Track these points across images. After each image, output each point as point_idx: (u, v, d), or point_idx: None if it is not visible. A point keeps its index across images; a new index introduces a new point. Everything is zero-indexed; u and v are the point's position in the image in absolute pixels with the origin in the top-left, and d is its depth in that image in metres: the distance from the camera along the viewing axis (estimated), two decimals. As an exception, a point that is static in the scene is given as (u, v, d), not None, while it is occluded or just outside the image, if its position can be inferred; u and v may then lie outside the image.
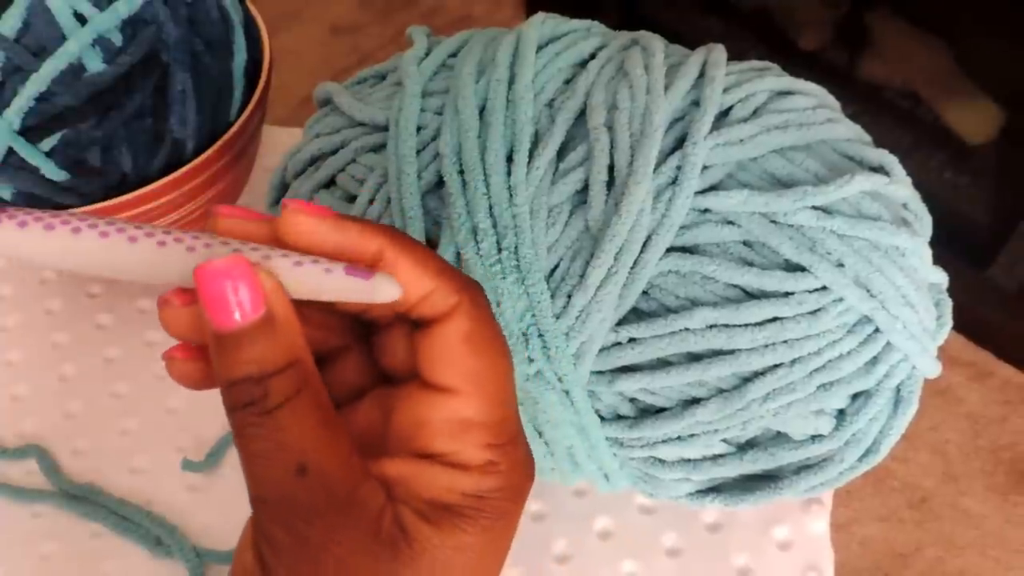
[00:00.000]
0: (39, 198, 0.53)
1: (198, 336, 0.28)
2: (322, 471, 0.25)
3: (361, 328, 0.31)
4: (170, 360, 0.28)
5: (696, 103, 0.45)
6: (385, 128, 0.48)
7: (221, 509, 0.54)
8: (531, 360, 0.43)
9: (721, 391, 0.44)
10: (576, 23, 0.50)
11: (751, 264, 0.43)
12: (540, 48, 0.48)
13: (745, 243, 0.43)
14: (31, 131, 0.51)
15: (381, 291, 0.26)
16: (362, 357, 0.31)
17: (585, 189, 0.44)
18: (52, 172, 0.52)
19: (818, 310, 0.42)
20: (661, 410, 0.45)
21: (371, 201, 0.47)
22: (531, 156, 0.45)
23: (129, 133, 0.52)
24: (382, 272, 0.26)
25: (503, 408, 0.28)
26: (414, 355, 0.29)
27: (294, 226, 0.27)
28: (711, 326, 0.43)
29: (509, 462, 0.28)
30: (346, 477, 0.26)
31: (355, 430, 0.30)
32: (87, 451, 0.57)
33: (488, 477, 0.27)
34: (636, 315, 0.44)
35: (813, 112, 0.46)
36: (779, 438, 0.46)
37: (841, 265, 0.42)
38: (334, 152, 0.50)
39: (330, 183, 0.49)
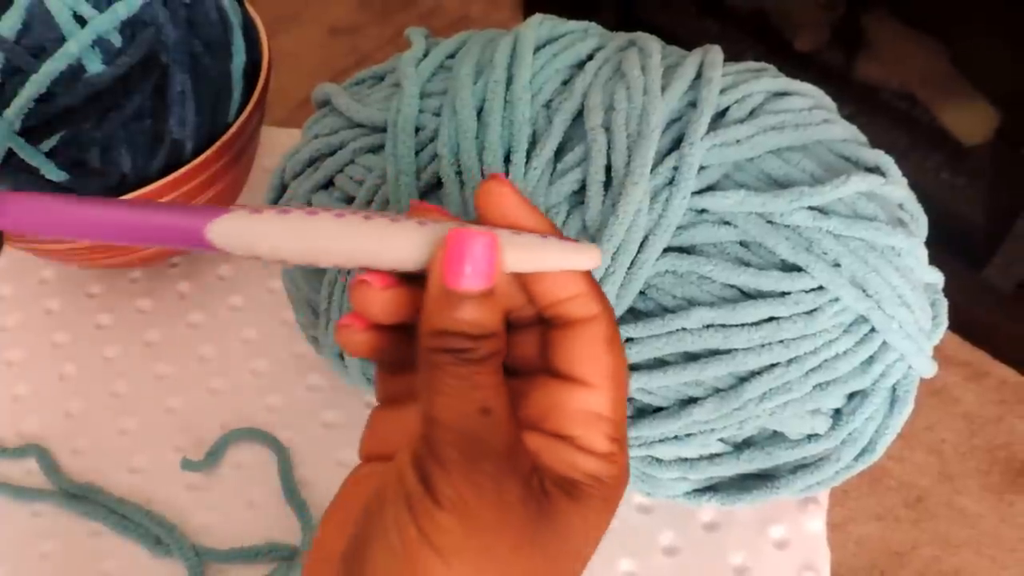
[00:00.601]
0: (39, 198, 0.53)
1: (388, 318, 0.30)
2: (501, 417, 0.29)
3: None
4: (346, 328, 0.31)
5: (693, 104, 0.45)
6: (383, 129, 0.48)
7: (220, 508, 0.55)
8: (529, 360, 0.43)
9: (718, 391, 0.44)
10: (573, 24, 0.50)
11: (748, 264, 0.43)
12: (538, 49, 0.48)
13: (742, 243, 0.43)
14: (31, 132, 0.51)
15: (588, 257, 0.29)
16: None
17: (582, 189, 0.44)
18: (52, 173, 0.52)
19: (814, 310, 0.43)
20: (658, 409, 0.45)
21: (369, 202, 0.47)
22: (529, 157, 0.45)
23: (128, 134, 0.52)
24: (584, 241, 0.29)
25: (623, 408, 0.31)
26: (549, 351, 0.31)
27: (499, 196, 0.30)
28: (708, 326, 0.43)
29: (622, 457, 0.31)
30: (513, 430, 0.29)
31: None
32: (87, 450, 0.57)
33: (608, 465, 0.30)
34: (633, 315, 0.44)
35: (809, 113, 0.46)
36: (776, 437, 0.46)
37: (837, 265, 0.42)
38: (332, 153, 0.50)
39: (328, 184, 0.50)
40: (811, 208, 0.43)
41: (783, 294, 0.43)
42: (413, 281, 0.30)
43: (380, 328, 0.31)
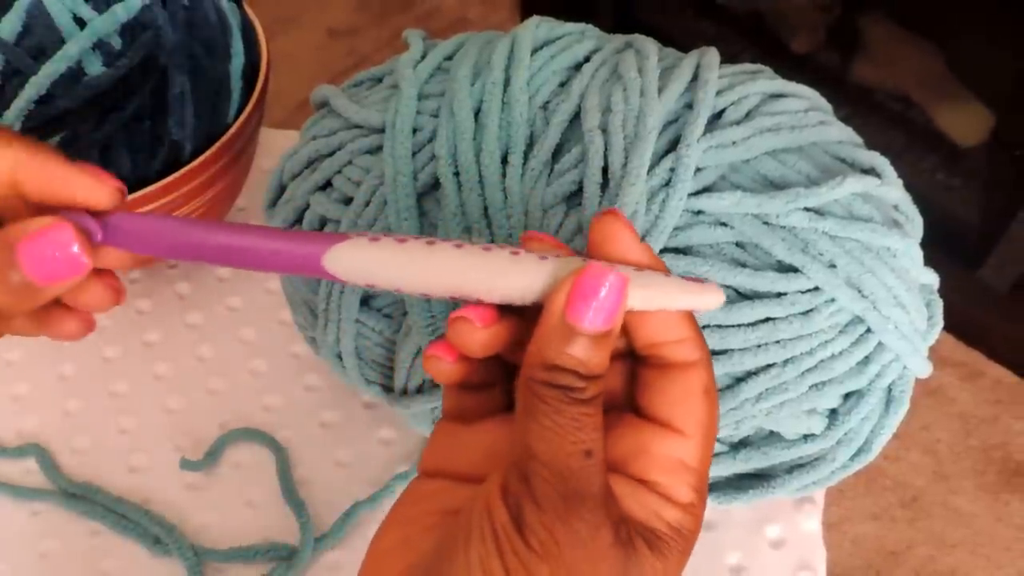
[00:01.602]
0: (38, 200, 0.53)
1: (483, 353, 0.30)
2: (602, 460, 0.28)
3: None
4: (435, 359, 0.31)
5: (689, 106, 0.45)
6: (381, 130, 0.49)
7: (219, 508, 0.55)
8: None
9: (714, 390, 0.44)
10: (570, 26, 0.50)
11: (744, 265, 0.43)
12: (535, 51, 0.48)
13: (738, 244, 0.43)
14: (31, 133, 0.51)
15: (711, 298, 0.29)
16: None
17: (579, 191, 0.44)
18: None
19: (810, 310, 0.43)
20: (655, 409, 0.45)
21: (367, 203, 0.47)
22: (526, 158, 0.45)
23: (128, 135, 0.53)
24: (708, 281, 0.29)
25: (709, 460, 0.31)
26: (641, 391, 0.31)
27: (614, 230, 0.29)
28: (704, 326, 0.43)
29: (701, 508, 0.30)
30: (608, 476, 0.28)
31: None
32: (86, 450, 0.57)
33: (688, 516, 0.30)
34: (630, 315, 0.44)
35: (805, 115, 0.46)
36: (772, 437, 0.46)
37: (833, 266, 0.43)
38: (331, 154, 0.50)
39: (327, 185, 0.50)
40: (807, 209, 0.43)
41: (779, 295, 0.43)
42: (511, 314, 0.30)
43: (468, 358, 0.31)
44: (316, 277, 0.30)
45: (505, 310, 0.30)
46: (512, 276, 0.29)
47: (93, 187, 0.31)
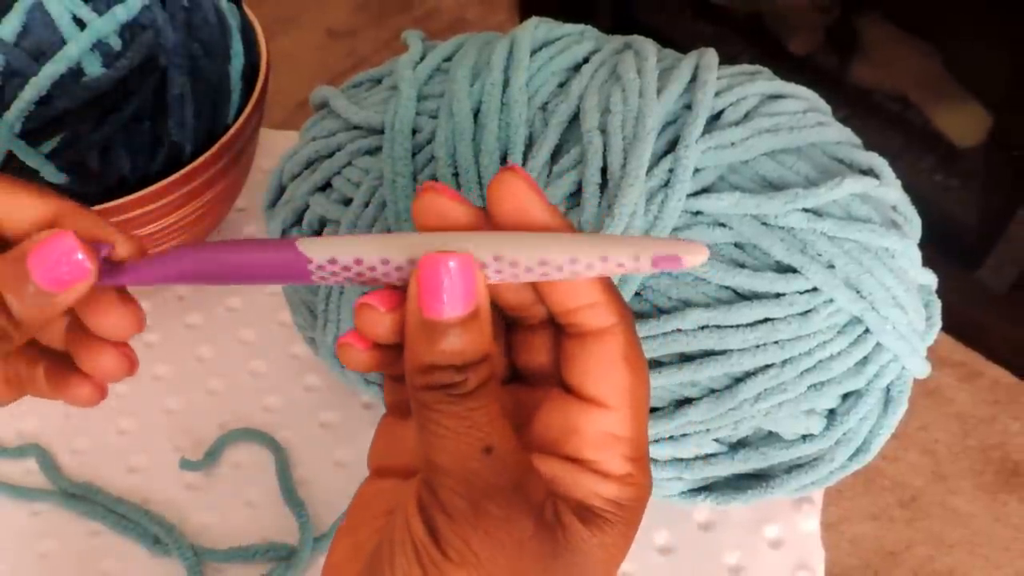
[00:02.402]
0: (38, 200, 0.53)
1: (393, 339, 0.29)
2: (505, 452, 0.27)
3: (498, 327, 0.32)
4: (348, 347, 0.30)
5: (688, 106, 0.45)
6: (380, 131, 0.49)
7: (219, 508, 0.55)
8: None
9: (713, 391, 0.44)
10: (569, 27, 0.51)
11: (742, 266, 0.43)
12: (534, 52, 0.48)
13: (736, 245, 0.44)
14: (31, 134, 0.51)
15: (693, 255, 0.27)
16: (498, 352, 0.32)
17: (579, 191, 0.44)
18: (52, 175, 0.52)
19: (809, 311, 0.43)
20: (654, 410, 0.45)
21: (366, 203, 0.47)
22: (525, 159, 0.45)
23: (128, 136, 0.53)
24: (687, 242, 0.27)
25: (643, 425, 0.30)
26: (561, 361, 0.30)
27: (512, 187, 0.28)
28: (703, 327, 0.43)
29: (642, 474, 0.30)
30: (520, 462, 0.28)
31: None
32: (86, 450, 0.57)
33: (627, 487, 0.29)
34: (629, 316, 0.44)
35: (804, 116, 0.46)
36: (770, 438, 0.46)
37: (831, 266, 0.43)
38: (330, 155, 0.50)
39: (326, 186, 0.50)
40: (805, 210, 0.43)
41: (778, 295, 0.43)
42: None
43: (383, 345, 0.30)
44: (307, 283, 0.30)
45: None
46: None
47: (123, 240, 0.31)
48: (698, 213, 0.44)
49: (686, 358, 0.44)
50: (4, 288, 0.29)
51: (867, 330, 0.44)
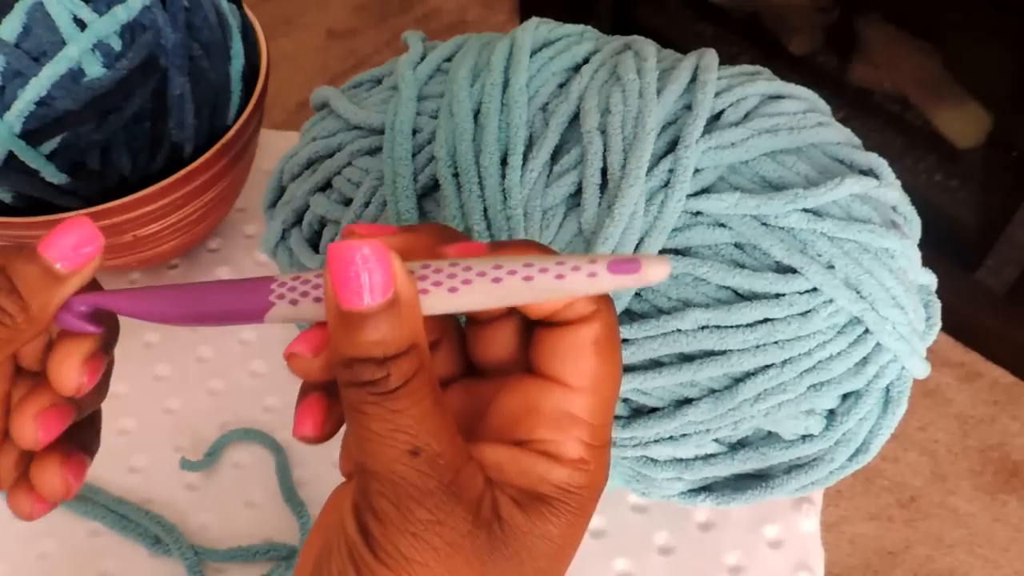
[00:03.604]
0: (39, 201, 0.53)
1: (326, 376, 0.29)
2: (433, 453, 0.26)
3: (453, 321, 0.32)
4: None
5: (688, 107, 0.46)
6: (381, 131, 0.49)
7: (219, 508, 0.55)
8: (526, 360, 0.43)
9: (713, 391, 0.44)
10: (569, 28, 0.51)
11: (742, 266, 0.43)
12: (534, 53, 0.49)
13: (736, 245, 0.44)
14: (31, 134, 0.51)
15: (653, 272, 0.26)
16: (452, 349, 0.32)
17: (579, 192, 0.44)
18: (52, 175, 0.52)
19: (808, 311, 0.43)
20: (653, 410, 0.45)
21: (367, 204, 0.47)
22: (525, 159, 0.45)
23: (128, 136, 0.53)
24: (648, 254, 0.26)
25: (606, 413, 0.29)
26: (532, 348, 0.29)
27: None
28: (703, 327, 0.43)
29: (597, 463, 0.29)
30: (453, 459, 0.27)
31: None
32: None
33: (579, 473, 0.28)
34: (629, 316, 0.44)
35: (804, 116, 0.46)
36: (770, 438, 0.46)
37: (831, 267, 0.43)
38: (330, 155, 0.50)
39: (326, 186, 0.50)
40: (805, 210, 0.43)
41: (777, 296, 0.43)
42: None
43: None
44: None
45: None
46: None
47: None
48: (698, 213, 0.44)
49: (686, 358, 0.44)
50: (12, 271, 0.29)
51: (867, 330, 0.44)
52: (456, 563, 0.26)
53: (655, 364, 0.44)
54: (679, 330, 0.43)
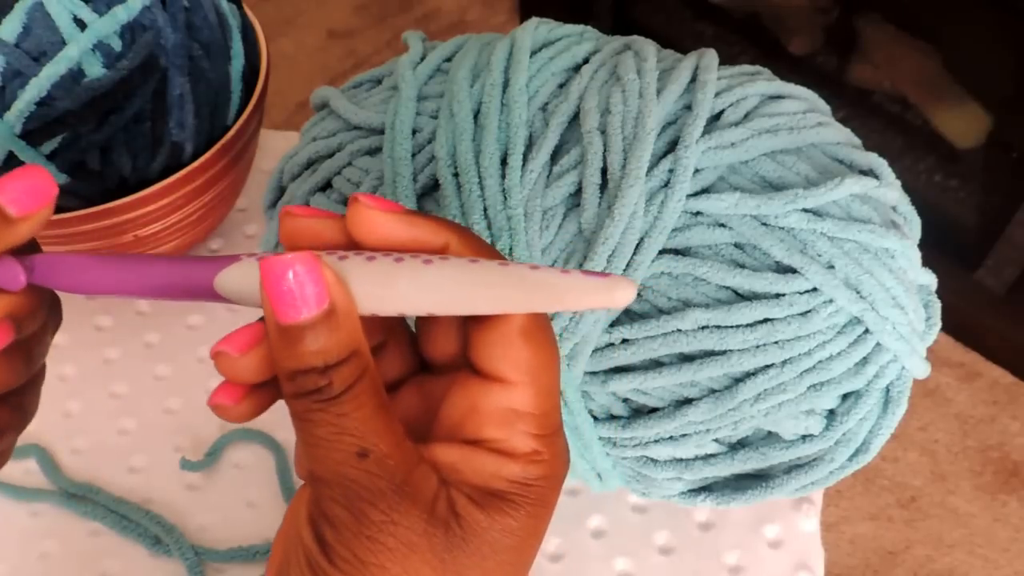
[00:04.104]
0: (39, 201, 0.53)
1: (263, 376, 0.28)
2: (382, 454, 0.26)
3: (400, 321, 0.32)
4: (221, 409, 0.29)
5: (688, 107, 0.46)
6: (381, 131, 0.49)
7: (219, 508, 0.55)
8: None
9: (713, 391, 0.44)
10: (569, 28, 0.51)
11: (742, 266, 0.43)
12: (534, 53, 0.49)
13: (736, 245, 0.44)
14: (31, 135, 0.51)
15: (621, 294, 0.26)
16: (401, 349, 0.32)
17: (579, 192, 0.44)
18: (52, 175, 0.52)
19: (809, 311, 0.43)
20: (653, 410, 0.45)
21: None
22: (525, 159, 0.45)
23: (128, 137, 0.53)
24: (617, 274, 0.26)
25: (550, 400, 0.29)
26: (466, 345, 0.29)
27: (367, 222, 0.28)
28: (703, 327, 0.43)
29: (552, 452, 0.29)
30: (403, 460, 0.27)
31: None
32: (86, 450, 0.57)
33: (533, 465, 0.28)
34: (629, 316, 0.44)
35: (803, 116, 0.46)
36: (770, 438, 0.46)
37: (831, 267, 0.43)
38: (330, 155, 0.50)
39: (326, 186, 0.50)
40: (805, 210, 0.43)
41: (777, 296, 0.43)
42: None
43: (259, 388, 0.29)
44: (224, 303, 0.30)
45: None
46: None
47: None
48: (698, 213, 0.44)
49: (686, 358, 0.44)
50: None
51: (867, 330, 0.44)
52: (413, 563, 0.26)
53: (655, 364, 0.44)
54: (679, 330, 0.43)
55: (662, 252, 0.43)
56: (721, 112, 0.46)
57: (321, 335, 0.26)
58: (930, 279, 0.48)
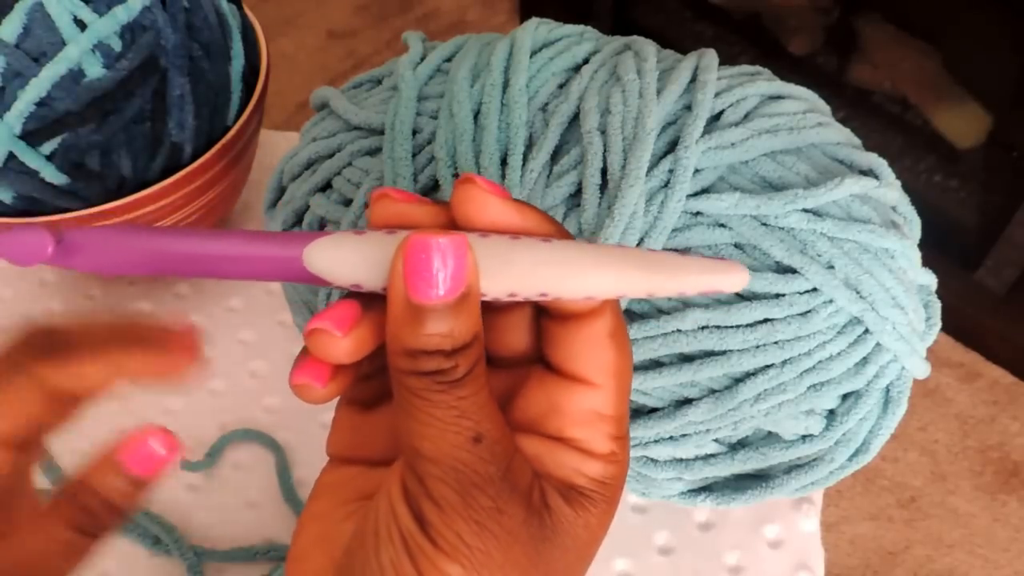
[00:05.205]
0: (39, 201, 0.53)
1: (356, 357, 0.28)
2: (493, 439, 0.26)
3: None
4: (305, 388, 0.28)
5: (688, 107, 0.46)
6: (381, 132, 0.49)
7: (219, 508, 0.55)
8: (526, 360, 0.43)
9: (713, 392, 0.44)
10: (569, 28, 0.51)
11: (742, 266, 0.43)
12: (534, 53, 0.49)
13: (736, 245, 0.44)
14: (31, 135, 0.51)
15: (736, 279, 0.26)
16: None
17: (579, 192, 0.44)
18: (52, 176, 0.52)
19: (808, 311, 0.43)
20: (653, 410, 0.45)
21: (367, 204, 0.47)
22: (525, 159, 0.45)
23: (128, 137, 0.53)
24: (731, 259, 0.26)
25: (626, 404, 0.29)
26: (547, 345, 0.29)
27: (479, 203, 0.27)
28: (703, 327, 0.43)
29: (624, 454, 0.29)
30: (509, 447, 0.27)
31: None
32: (86, 450, 0.57)
33: (611, 465, 0.29)
34: (629, 316, 0.44)
35: (803, 116, 0.46)
36: (770, 438, 0.46)
37: (831, 267, 0.43)
38: (330, 155, 0.50)
39: (326, 186, 0.50)
40: (805, 211, 0.43)
41: (777, 296, 0.43)
42: (371, 304, 0.28)
43: (344, 368, 0.28)
44: (303, 283, 0.29)
45: (367, 301, 0.28)
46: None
47: None
48: (698, 214, 0.44)
49: (686, 358, 0.44)
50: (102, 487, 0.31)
51: (867, 331, 0.44)
52: (515, 552, 0.26)
53: (655, 364, 0.44)
54: (679, 330, 0.43)
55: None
56: (721, 112, 0.46)
57: (452, 317, 0.25)
58: (930, 279, 0.48)
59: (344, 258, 0.27)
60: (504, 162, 0.45)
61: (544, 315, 0.29)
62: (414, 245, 0.25)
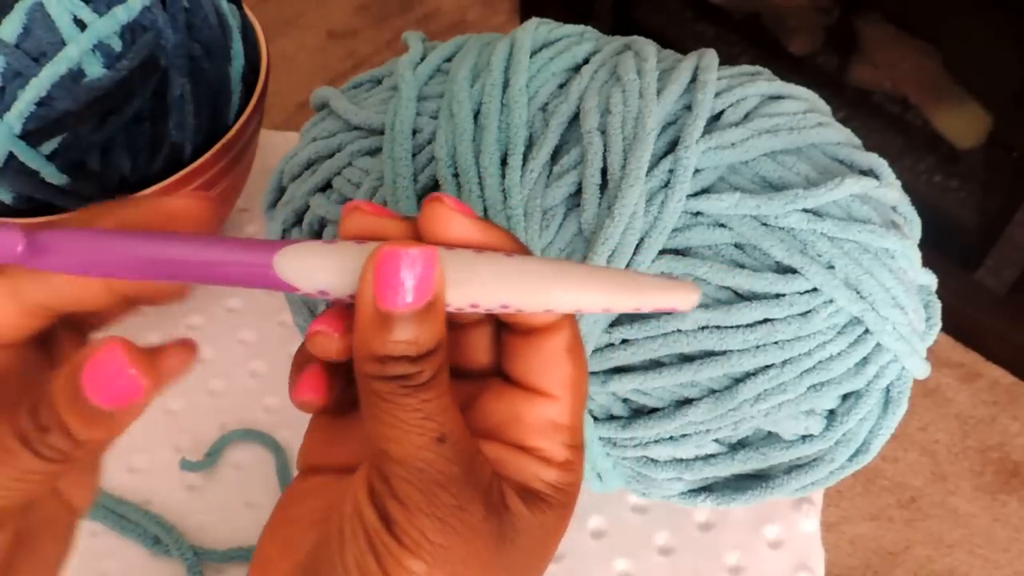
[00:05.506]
0: (39, 201, 0.53)
1: (345, 356, 0.28)
2: (456, 440, 0.27)
3: None
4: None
5: (688, 107, 0.46)
6: (381, 132, 0.49)
7: (219, 508, 0.55)
8: (526, 360, 0.43)
9: (713, 392, 0.44)
10: (569, 28, 0.51)
11: (742, 266, 0.43)
12: (534, 53, 0.49)
13: (736, 245, 0.44)
14: (31, 135, 0.51)
15: (688, 297, 0.27)
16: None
17: (579, 192, 0.44)
18: (52, 176, 0.52)
19: (809, 311, 0.43)
20: (654, 410, 0.45)
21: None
22: (525, 159, 0.45)
23: (128, 137, 0.53)
24: (684, 279, 0.27)
25: (581, 415, 0.30)
26: (506, 358, 0.30)
27: (445, 221, 0.28)
28: (703, 327, 0.43)
29: (579, 462, 0.31)
30: (470, 447, 0.28)
31: None
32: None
33: (567, 473, 0.30)
34: (629, 316, 0.44)
35: (804, 116, 0.46)
36: (770, 438, 0.46)
37: (831, 267, 0.43)
38: (330, 156, 0.50)
39: (326, 186, 0.50)
40: (805, 211, 0.43)
41: (777, 296, 0.43)
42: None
43: (336, 376, 0.30)
44: (273, 289, 0.29)
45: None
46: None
47: None
48: (698, 214, 0.44)
49: (686, 358, 0.44)
50: (64, 411, 0.27)
51: (867, 331, 0.44)
52: (476, 547, 0.27)
53: (655, 364, 0.44)
54: (679, 330, 0.43)
55: (662, 252, 0.43)
56: (721, 112, 0.46)
57: (418, 324, 0.26)
58: (930, 279, 0.48)
59: (314, 265, 0.27)
60: (504, 162, 0.45)
61: (505, 330, 0.30)
62: (385, 255, 0.26)
